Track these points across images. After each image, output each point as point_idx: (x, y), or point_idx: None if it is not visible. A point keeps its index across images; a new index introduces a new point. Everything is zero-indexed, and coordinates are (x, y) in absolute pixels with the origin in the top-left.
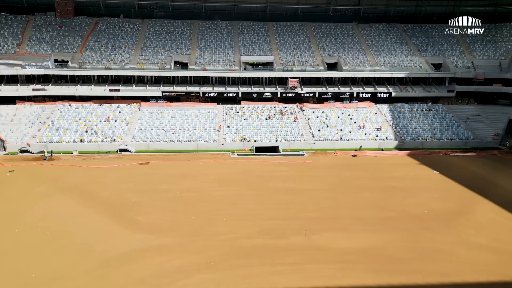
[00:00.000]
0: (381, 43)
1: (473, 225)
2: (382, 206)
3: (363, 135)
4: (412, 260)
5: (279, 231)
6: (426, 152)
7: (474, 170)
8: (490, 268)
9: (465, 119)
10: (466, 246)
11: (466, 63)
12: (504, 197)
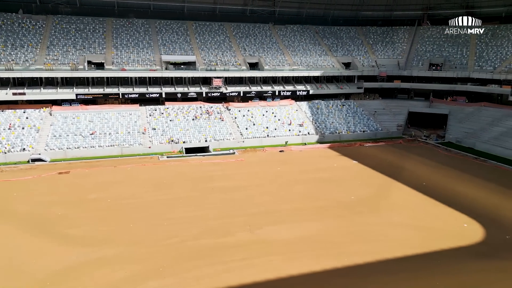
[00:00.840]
0: (296, 43)
1: (393, 206)
2: (315, 197)
3: (287, 131)
4: (349, 243)
5: (224, 229)
6: (344, 144)
7: (386, 157)
8: (413, 243)
9: (373, 113)
10: (390, 225)
11: (370, 62)
12: (413, 180)
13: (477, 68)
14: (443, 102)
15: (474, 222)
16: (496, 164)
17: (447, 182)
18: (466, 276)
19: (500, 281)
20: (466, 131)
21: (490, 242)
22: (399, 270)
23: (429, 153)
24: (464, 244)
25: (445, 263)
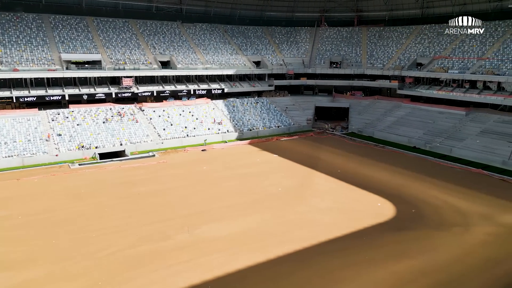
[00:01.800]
0: (207, 42)
1: (317, 194)
2: (245, 192)
3: (207, 130)
4: (286, 232)
5: (161, 233)
6: (262, 140)
7: (302, 150)
8: (340, 224)
9: (285, 109)
10: (318, 211)
11: (279, 61)
12: (330, 168)
13: (370, 66)
14: (343, 97)
15: (386, 201)
16: (392, 149)
17: (357, 168)
18: (388, 248)
19: (415, 249)
20: (365, 122)
21: (401, 216)
22: (333, 250)
23: (337, 143)
24: (382, 221)
25: (369, 239)
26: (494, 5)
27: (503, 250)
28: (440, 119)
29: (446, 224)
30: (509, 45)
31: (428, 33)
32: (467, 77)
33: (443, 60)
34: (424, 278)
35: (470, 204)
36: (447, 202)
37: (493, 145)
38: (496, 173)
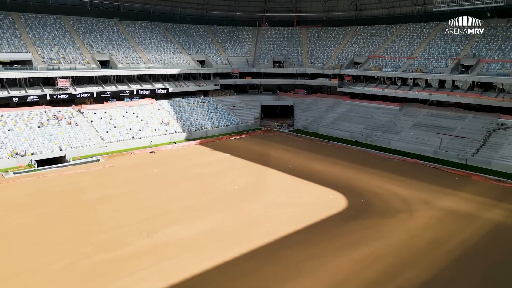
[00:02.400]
0: (148, 40)
1: (272, 190)
2: (202, 192)
3: (153, 131)
4: (247, 229)
5: (118, 240)
6: (212, 139)
7: (253, 148)
8: (298, 218)
9: (232, 108)
10: (275, 207)
11: (223, 60)
12: (281, 164)
13: (311, 65)
14: (287, 95)
15: (337, 193)
16: (337, 144)
17: (307, 163)
18: (345, 237)
19: (368, 236)
20: (309, 119)
21: (352, 207)
22: (295, 243)
23: (286, 140)
24: (336, 212)
25: (327, 229)
26: (419, 9)
27: (444, 231)
28: (378, 114)
29: (392, 211)
30: (433, 46)
31: (363, 33)
32: (399, 75)
33: (377, 59)
34: (379, 262)
35: (410, 191)
36: (390, 190)
37: (424, 137)
38: (429, 162)
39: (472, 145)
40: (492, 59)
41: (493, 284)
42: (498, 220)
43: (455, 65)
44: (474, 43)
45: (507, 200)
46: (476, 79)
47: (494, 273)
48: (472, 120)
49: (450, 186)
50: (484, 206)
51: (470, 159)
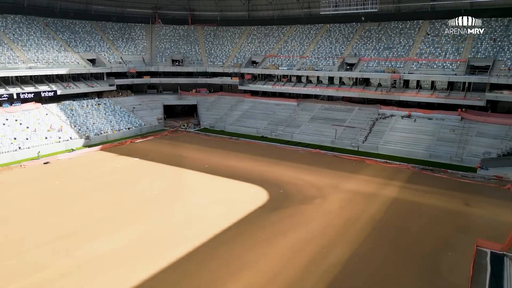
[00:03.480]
0: (25, 37)
1: (194, 191)
2: (117, 201)
3: (44, 139)
4: (177, 233)
5: (33, 264)
6: (115, 144)
7: (162, 150)
8: (227, 214)
9: (132, 109)
10: (201, 207)
11: (116, 58)
12: (196, 164)
13: (211, 64)
14: (190, 94)
15: (257, 187)
16: (245, 140)
17: (222, 161)
18: (274, 226)
19: (294, 223)
20: (215, 117)
21: (273, 198)
22: (230, 239)
23: (195, 140)
24: (260, 204)
25: (256, 222)
26: (305, 12)
27: (355, 210)
28: (278, 110)
29: (308, 198)
30: (321, 46)
31: (257, 33)
32: (294, 73)
33: (273, 58)
34: (309, 246)
35: (320, 179)
36: (303, 179)
37: (322, 129)
38: (329, 151)
39: (361, 133)
40: (369, 58)
41: (399, 247)
42: (393, 196)
43: (341, 63)
44: (354, 44)
45: (396, 178)
46: (359, 76)
47: (398, 238)
48: (358, 112)
49: (350, 170)
50: (380, 185)
51: (361, 146)
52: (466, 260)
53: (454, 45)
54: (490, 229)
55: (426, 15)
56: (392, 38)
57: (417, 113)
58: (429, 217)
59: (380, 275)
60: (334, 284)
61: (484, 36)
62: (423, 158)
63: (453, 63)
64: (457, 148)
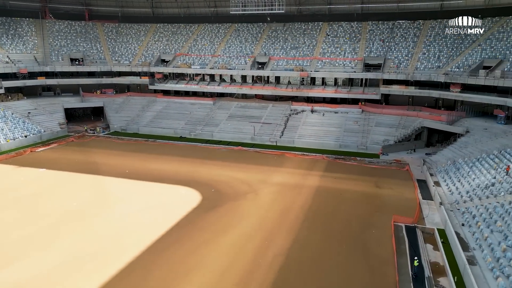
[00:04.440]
0: None
1: (120, 199)
2: (33, 218)
3: None
4: (111, 246)
5: None
6: (11, 155)
7: (71, 157)
8: (161, 220)
9: (26, 114)
10: (133, 215)
11: (2, 57)
12: (115, 171)
13: (116, 63)
14: (94, 96)
15: (187, 188)
16: (163, 141)
17: (142, 164)
18: (213, 226)
19: (232, 219)
20: (126, 119)
21: (206, 198)
22: (170, 243)
23: (107, 144)
24: (195, 205)
25: (194, 223)
26: (212, 10)
27: (286, 201)
28: (194, 109)
29: (241, 194)
30: (231, 45)
31: (164, 31)
32: (208, 71)
33: (184, 57)
34: (251, 239)
35: (247, 174)
36: (232, 177)
37: (240, 126)
38: (250, 147)
39: (278, 129)
40: (279, 57)
41: (331, 231)
42: (316, 185)
43: (252, 62)
44: (263, 43)
45: (315, 168)
46: (270, 74)
47: (328, 223)
48: (272, 108)
49: (274, 164)
50: (303, 176)
51: (279, 141)
52: (387, 235)
53: (351, 45)
54: (400, 206)
55: (324, 17)
56: (297, 38)
57: (325, 108)
58: (350, 201)
59: (320, 257)
60: (282, 271)
61: (375, 37)
62: (334, 148)
63: (352, 62)
64: (362, 137)
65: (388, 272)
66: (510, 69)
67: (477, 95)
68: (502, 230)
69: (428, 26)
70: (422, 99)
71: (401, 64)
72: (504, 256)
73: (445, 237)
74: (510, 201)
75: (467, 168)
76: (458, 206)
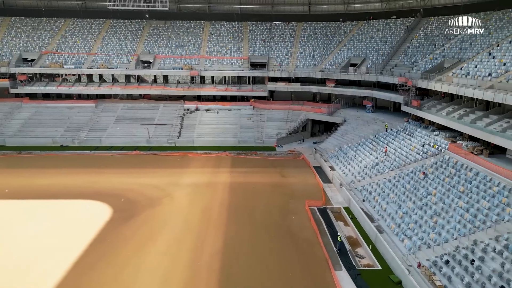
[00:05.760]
0: None
1: (11, 222)
2: None
3: None
4: (28, 271)
5: None
6: None
7: None
8: (76, 239)
9: None
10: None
11: None
12: None
13: None
14: None
15: (92, 201)
16: (41, 153)
17: (25, 181)
18: (137, 235)
19: (155, 226)
20: None
21: (118, 209)
22: (94, 261)
23: None
24: (107, 218)
25: (114, 236)
26: (80, 4)
27: (205, 200)
28: (74, 114)
29: (156, 200)
30: (109, 42)
31: (22, 26)
32: (85, 71)
33: (53, 55)
34: (182, 243)
35: (156, 179)
36: (139, 183)
37: (132, 129)
38: (147, 151)
39: (174, 129)
40: (165, 55)
41: (256, 222)
42: (228, 181)
43: (136, 61)
44: (145, 41)
45: (222, 165)
46: (159, 73)
47: (251, 215)
48: (164, 109)
49: (179, 166)
50: (212, 174)
51: (177, 141)
52: (306, 218)
53: (236, 45)
54: (307, 192)
55: (206, 16)
56: (181, 37)
57: (218, 106)
58: (263, 192)
59: (254, 248)
60: (224, 269)
61: (256, 37)
62: (234, 144)
63: (239, 61)
64: (257, 132)
65: (317, 251)
66: (372, 66)
67: (350, 89)
68: (396, 201)
69: (301, 28)
70: (302, 94)
71: (283, 62)
72: (403, 222)
73: (351, 213)
74: (394, 176)
75: (353, 152)
76: (355, 185)
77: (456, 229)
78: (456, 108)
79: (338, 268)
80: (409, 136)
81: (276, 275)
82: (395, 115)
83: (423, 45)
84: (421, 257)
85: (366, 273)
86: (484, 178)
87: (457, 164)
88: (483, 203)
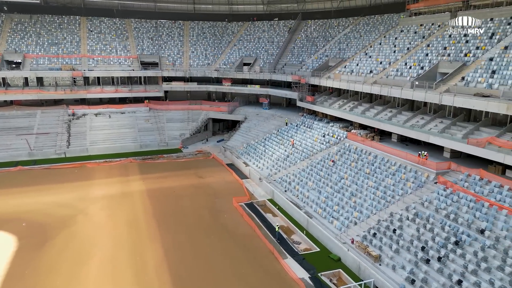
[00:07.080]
0: None
1: None
2: None
3: None
4: None
5: None
6: None
7: None
8: None
9: None
10: None
11: None
12: None
13: None
14: None
15: None
16: None
17: None
18: (60, 262)
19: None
20: None
21: (23, 235)
22: None
23: None
24: (14, 248)
25: (30, 269)
26: None
27: (125, 212)
28: None
29: (68, 219)
30: None
31: None
32: None
33: None
34: (120, 261)
35: (58, 196)
36: (40, 202)
37: (7, 142)
38: (32, 165)
39: (61, 138)
40: (37, 55)
41: (190, 226)
42: (144, 188)
43: (0, 61)
44: (8, 38)
45: (130, 173)
46: (31, 75)
47: (183, 220)
48: (43, 115)
49: (80, 178)
50: (123, 183)
51: (68, 151)
52: (237, 215)
53: (121, 43)
54: (229, 189)
55: (80, 11)
56: (54, 33)
57: (110, 109)
58: (186, 196)
59: (198, 252)
60: (174, 278)
61: (143, 35)
62: (136, 149)
63: (127, 60)
64: (159, 135)
65: (258, 244)
66: (264, 65)
67: (246, 88)
68: (315, 188)
69: (189, 27)
70: (198, 93)
71: (176, 62)
72: (327, 206)
73: (276, 204)
74: (306, 165)
75: (262, 147)
76: (273, 178)
77: (373, 206)
78: (345, 102)
79: (284, 256)
80: (309, 129)
81: (229, 273)
82: (289, 110)
83: (306, 45)
84: (351, 234)
85: (309, 256)
86: (382, 160)
87: (357, 150)
88: (388, 181)
